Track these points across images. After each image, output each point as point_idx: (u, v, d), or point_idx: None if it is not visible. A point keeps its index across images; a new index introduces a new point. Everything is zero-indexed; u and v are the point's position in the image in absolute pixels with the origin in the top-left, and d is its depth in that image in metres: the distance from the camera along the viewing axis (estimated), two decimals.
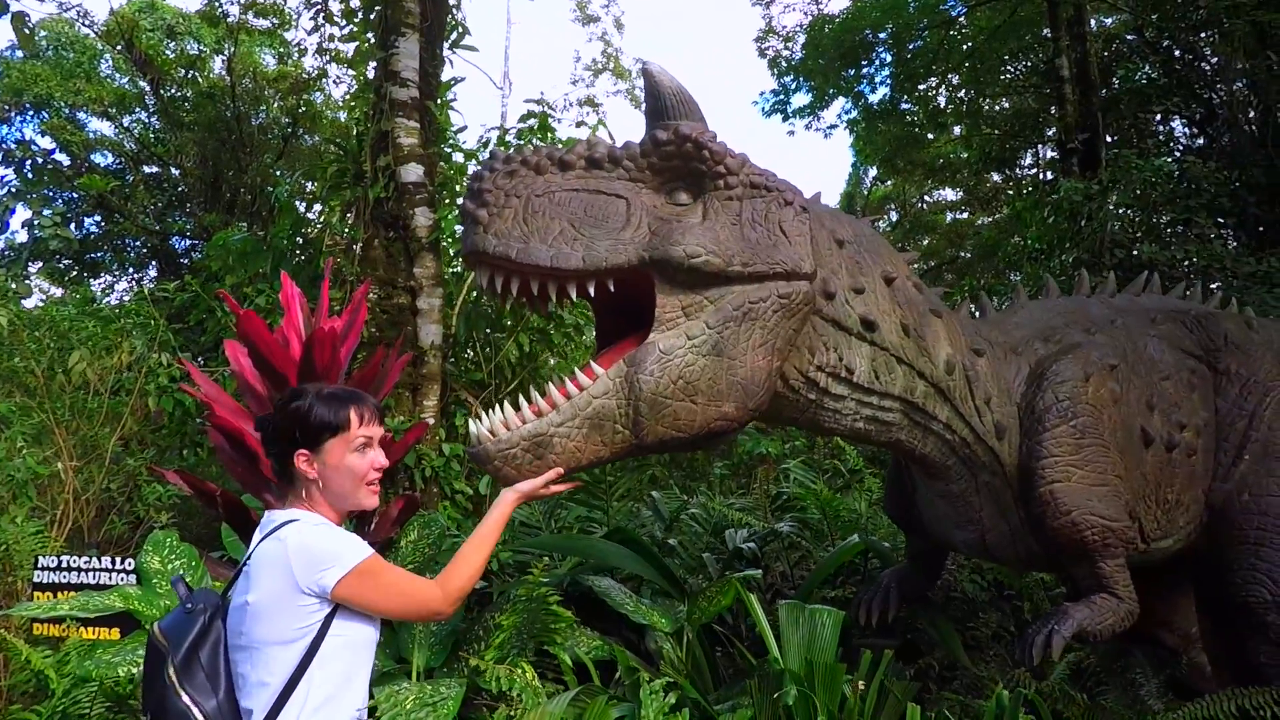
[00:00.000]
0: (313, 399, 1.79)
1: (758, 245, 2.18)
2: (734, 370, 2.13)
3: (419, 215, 6.31)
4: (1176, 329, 3.11)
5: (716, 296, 2.13)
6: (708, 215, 2.15)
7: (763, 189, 2.27)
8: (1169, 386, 2.91)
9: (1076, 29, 10.32)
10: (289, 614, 1.63)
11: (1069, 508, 2.53)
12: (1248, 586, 2.81)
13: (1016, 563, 2.86)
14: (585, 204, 2.09)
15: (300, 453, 1.74)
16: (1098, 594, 2.59)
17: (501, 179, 2.07)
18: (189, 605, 1.71)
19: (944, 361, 2.57)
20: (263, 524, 1.80)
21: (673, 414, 2.07)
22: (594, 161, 2.14)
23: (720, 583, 2.92)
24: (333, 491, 1.76)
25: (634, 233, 2.09)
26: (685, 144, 2.13)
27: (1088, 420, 2.64)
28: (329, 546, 1.66)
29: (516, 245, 1.99)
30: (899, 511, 3.26)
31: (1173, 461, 2.79)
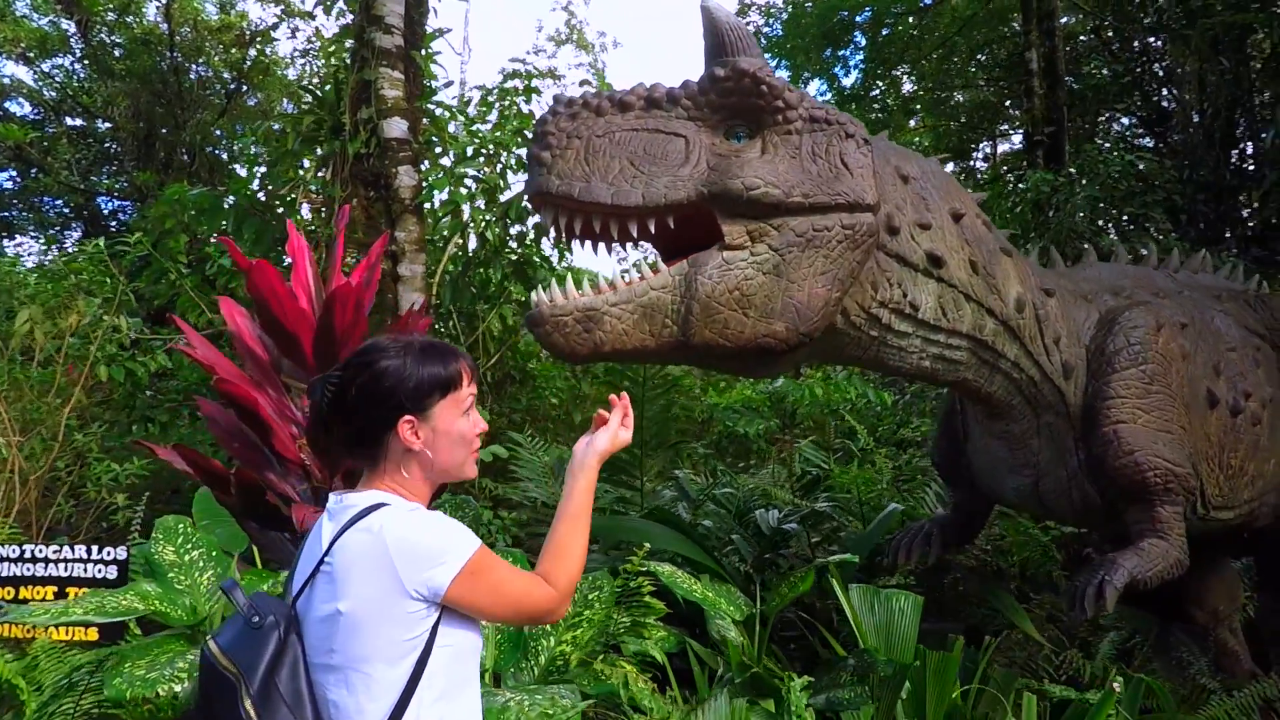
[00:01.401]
0: (410, 354, 1.47)
1: (819, 178, 2.18)
2: (790, 292, 2.14)
3: (402, 174, 5.89)
4: (1240, 307, 3.09)
5: (779, 224, 2.15)
6: (767, 150, 2.17)
7: (823, 122, 2.25)
8: (1235, 357, 2.89)
9: (1047, 24, 10.49)
10: (394, 623, 1.32)
11: (1132, 448, 2.51)
12: None
13: (1068, 511, 2.82)
14: (645, 142, 2.11)
15: (406, 419, 1.43)
16: (1148, 539, 2.54)
17: (564, 121, 2.07)
18: (255, 618, 1.35)
19: (1014, 299, 2.54)
20: (332, 511, 1.45)
21: (723, 321, 2.11)
22: (653, 101, 2.15)
23: (804, 568, 2.74)
24: (439, 463, 1.47)
25: (693, 169, 2.11)
26: (744, 80, 2.12)
27: (1157, 368, 2.63)
28: (436, 537, 1.37)
29: (579, 184, 2.02)
30: (947, 462, 3.24)
31: (1237, 427, 2.77)
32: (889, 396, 7.43)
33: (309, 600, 1.40)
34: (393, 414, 1.44)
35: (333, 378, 1.50)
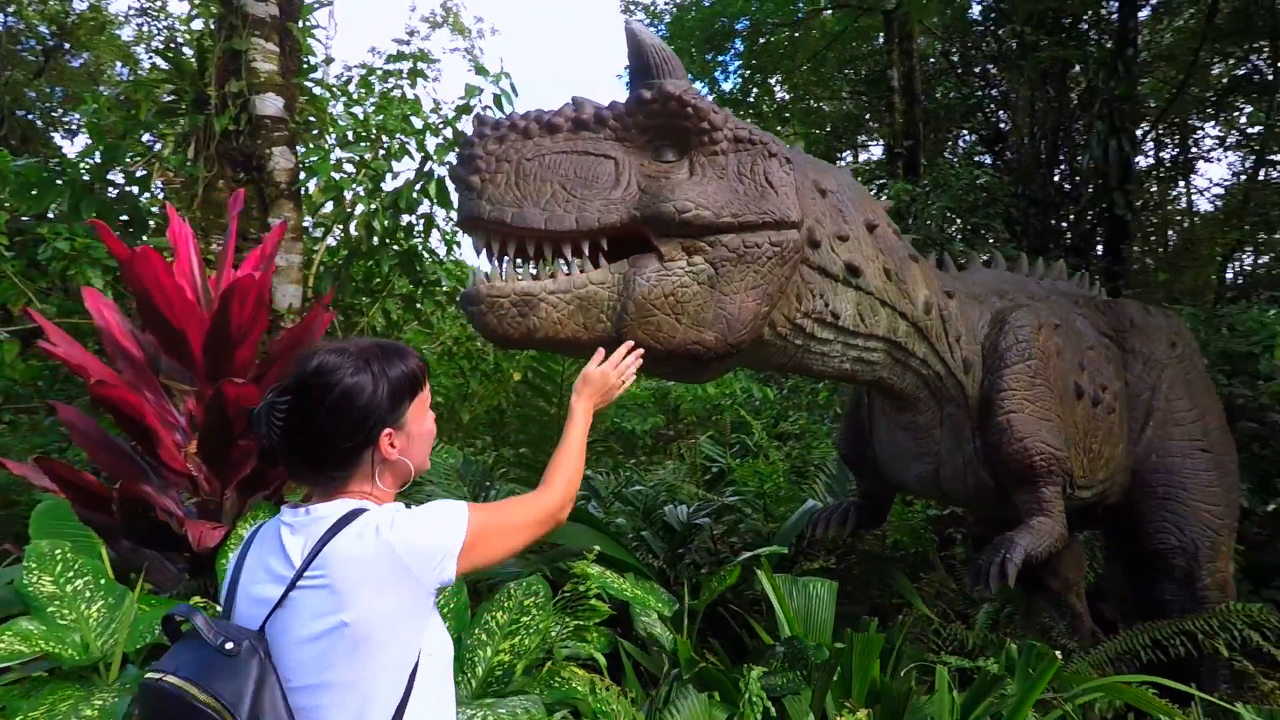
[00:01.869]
0: (372, 363, 1.38)
1: (746, 197, 2.24)
2: (723, 303, 2.21)
3: (278, 156, 5.47)
4: (1092, 311, 3.47)
5: (712, 241, 2.21)
6: (695, 171, 2.21)
7: (748, 142, 2.31)
8: (1093, 354, 3.24)
9: (905, 45, 11.28)
10: (409, 630, 1.28)
11: (1022, 434, 2.76)
12: (1158, 535, 3.21)
13: (963, 495, 3.06)
14: (575, 165, 2.12)
15: (387, 432, 1.37)
16: (1036, 517, 2.81)
17: (491, 144, 2.07)
18: (229, 644, 1.22)
19: (922, 302, 2.71)
20: (294, 525, 1.34)
21: (656, 324, 2.15)
22: (580, 123, 2.16)
23: (733, 562, 2.80)
24: (411, 466, 1.42)
25: (624, 191, 2.14)
26: (670, 102, 2.15)
27: (1039, 364, 2.90)
28: (437, 527, 1.33)
29: (511, 210, 2.02)
30: (854, 452, 3.42)
31: (1097, 416, 3.11)
32: (771, 392, 7.76)
33: (283, 622, 1.27)
34: (374, 430, 1.37)
35: (281, 404, 1.37)
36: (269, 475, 2.71)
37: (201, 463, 2.52)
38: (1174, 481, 3.22)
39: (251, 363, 2.63)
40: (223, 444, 2.46)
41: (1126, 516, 3.31)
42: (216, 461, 2.53)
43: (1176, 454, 3.26)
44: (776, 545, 3.15)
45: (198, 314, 2.49)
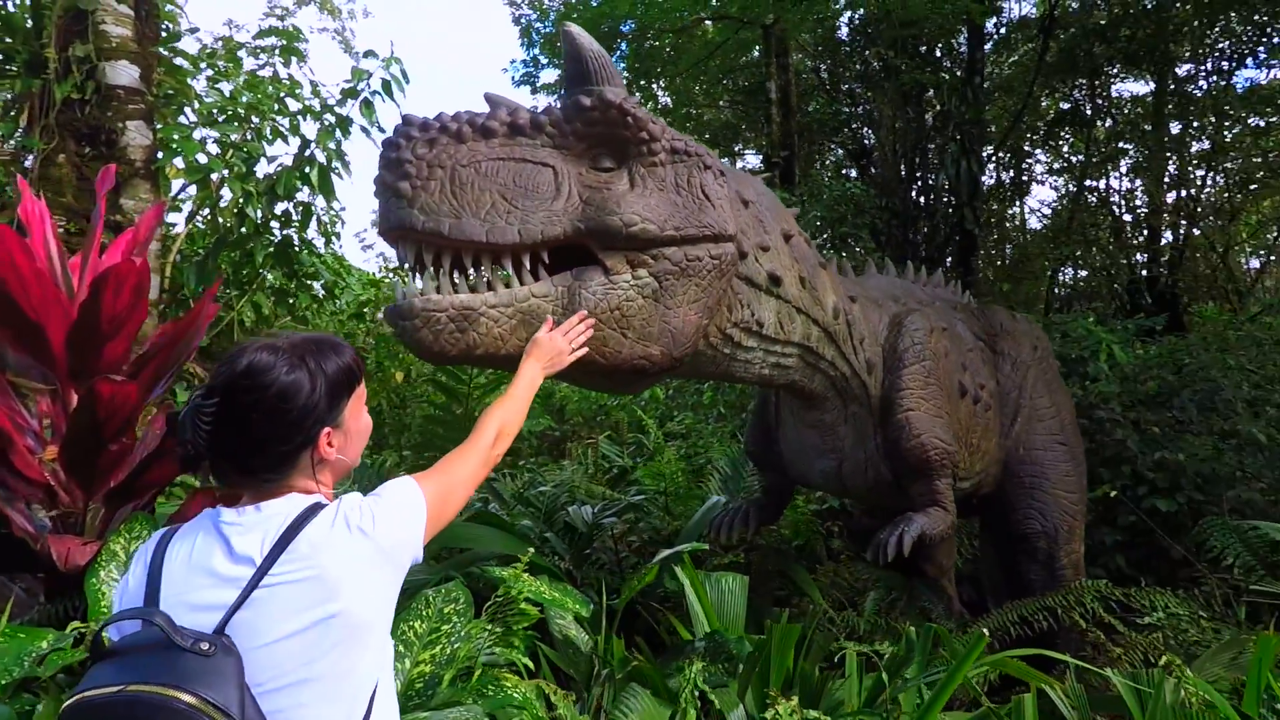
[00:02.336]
0: (306, 358, 1.31)
1: (685, 210, 2.24)
2: (667, 318, 2.21)
3: (132, 131, 4.94)
4: (968, 316, 3.76)
5: (655, 254, 2.19)
6: (635, 182, 2.18)
7: (684, 154, 2.30)
8: (972, 356, 3.51)
9: (782, 59, 11.78)
10: (388, 618, 1.30)
11: (919, 431, 2.95)
12: (1025, 521, 3.52)
13: (863, 489, 3.22)
14: (513, 173, 2.02)
15: (326, 431, 1.32)
16: (930, 507, 3.02)
17: (421, 148, 1.94)
18: (205, 644, 1.12)
19: (831, 308, 2.84)
20: (242, 524, 1.25)
21: (602, 339, 2.12)
22: (517, 128, 2.06)
23: (652, 562, 2.79)
24: (347, 463, 1.40)
25: (565, 203, 2.07)
26: (609, 110, 2.10)
27: (932, 364, 3.11)
28: (404, 515, 1.34)
29: (447, 220, 1.92)
30: (760, 449, 3.52)
31: (976, 413, 3.38)
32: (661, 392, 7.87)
33: (249, 622, 1.17)
34: (313, 431, 1.30)
35: (208, 406, 1.27)
36: (139, 485, 2.43)
37: (62, 471, 2.22)
38: (1038, 472, 3.55)
39: (124, 359, 2.35)
40: (90, 450, 2.19)
41: (998, 505, 3.61)
42: (80, 470, 2.24)
43: (1039, 447, 3.59)
44: (684, 542, 3.19)
45: (61, 304, 2.19)
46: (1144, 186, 13.06)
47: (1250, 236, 13.66)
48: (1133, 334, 7.97)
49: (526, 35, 10.97)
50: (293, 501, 1.28)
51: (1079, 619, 3.12)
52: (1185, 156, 12.43)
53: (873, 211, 11.96)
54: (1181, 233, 12.57)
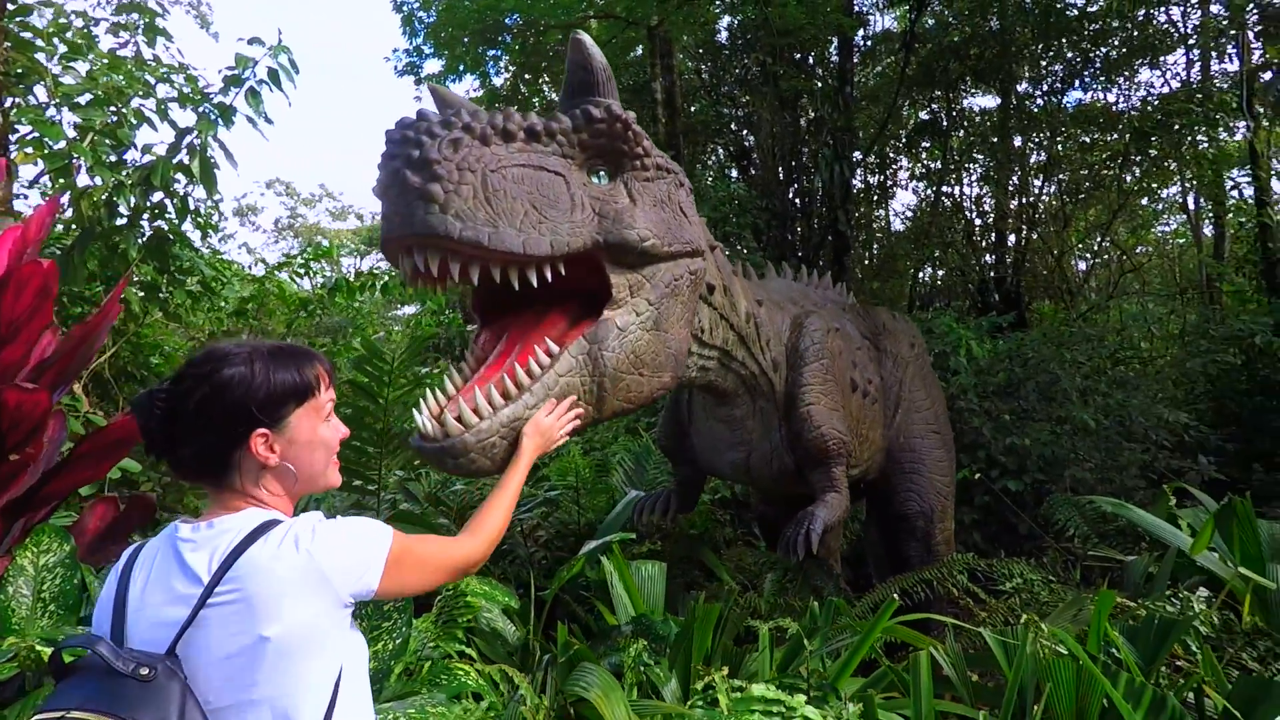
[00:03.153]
0: (258, 359, 1.35)
1: (670, 225, 2.32)
2: (668, 343, 2.30)
3: None
4: (855, 316, 4.10)
5: (650, 274, 2.25)
6: (632, 197, 2.22)
7: (665, 171, 2.40)
8: (860, 354, 3.85)
9: (666, 60, 12.07)
10: (332, 635, 1.27)
11: (820, 423, 3.22)
12: (905, 502, 3.91)
13: (769, 478, 3.45)
14: (535, 182, 1.98)
15: (259, 433, 1.32)
16: (829, 493, 3.29)
17: (446, 148, 1.83)
18: (144, 669, 1.14)
19: (744, 313, 3.03)
20: (196, 539, 1.28)
21: (626, 387, 2.17)
22: (533, 134, 2.02)
23: (580, 554, 2.90)
24: (300, 476, 1.39)
25: (582, 214, 2.07)
26: (616, 124, 2.15)
27: (829, 362, 3.39)
28: (360, 543, 1.33)
29: (485, 230, 1.82)
30: (673, 443, 3.71)
31: (865, 406, 3.71)
32: None
33: (196, 641, 1.20)
34: (242, 429, 1.32)
35: (160, 394, 1.34)
36: (39, 497, 2.29)
37: None
38: (916, 459, 3.94)
39: (22, 364, 2.20)
40: None
41: (882, 489, 3.98)
42: None
43: (917, 435, 3.99)
44: (603, 534, 3.33)
45: None
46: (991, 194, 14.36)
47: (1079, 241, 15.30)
48: (986, 330, 8.81)
49: (409, 24, 10.66)
50: (247, 517, 1.29)
51: (952, 589, 3.52)
52: (1026, 167, 13.76)
53: (754, 211, 12.47)
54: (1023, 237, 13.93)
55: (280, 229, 28.58)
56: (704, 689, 2.15)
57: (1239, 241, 13.16)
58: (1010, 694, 2.23)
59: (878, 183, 15.65)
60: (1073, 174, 13.72)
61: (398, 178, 1.81)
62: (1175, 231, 17.48)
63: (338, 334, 10.33)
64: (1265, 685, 2.09)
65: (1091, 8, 12.01)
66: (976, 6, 12.00)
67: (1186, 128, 11.20)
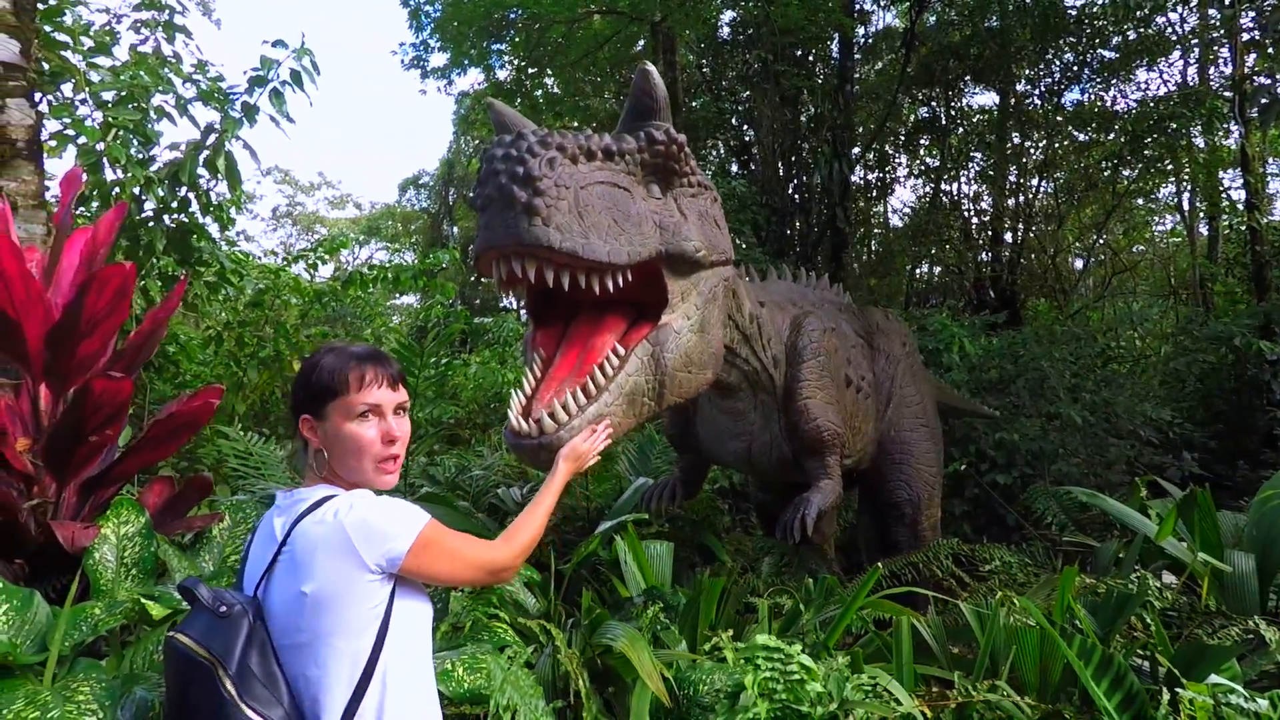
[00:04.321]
0: (323, 355, 1.63)
1: (711, 236, 2.59)
2: (710, 344, 2.57)
3: (12, 109, 4.69)
4: (850, 316, 4.35)
5: (696, 282, 2.51)
6: (683, 211, 2.47)
7: (704, 186, 2.66)
8: (854, 351, 4.09)
9: (668, 56, 12.23)
10: (358, 598, 1.45)
11: (816, 416, 3.46)
12: (895, 490, 4.16)
13: (768, 466, 3.70)
14: (613, 198, 2.20)
15: (303, 418, 1.59)
16: (823, 480, 3.53)
17: (545, 167, 2.03)
18: (223, 608, 1.44)
19: (749, 314, 3.27)
20: (281, 507, 1.58)
21: (679, 383, 2.42)
22: (609, 154, 2.26)
23: (596, 533, 3.16)
24: (335, 464, 1.58)
25: (650, 227, 2.30)
26: (673, 145, 2.40)
27: (825, 359, 3.64)
28: (389, 517, 1.50)
29: (579, 241, 2.02)
30: (678, 433, 3.96)
31: (859, 401, 3.96)
32: None
33: (269, 588, 1.50)
34: (297, 410, 1.60)
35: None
36: (111, 475, 2.54)
37: (42, 462, 2.30)
38: (905, 450, 4.20)
39: (99, 356, 2.44)
40: (71, 442, 2.29)
41: (874, 478, 4.24)
42: (58, 461, 2.34)
43: (907, 429, 4.24)
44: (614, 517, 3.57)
45: (44, 303, 2.27)
46: (989, 192, 14.56)
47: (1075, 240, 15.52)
48: (980, 328, 9.03)
49: (415, 17, 10.82)
50: (315, 491, 1.54)
51: (938, 571, 3.78)
52: (1023, 166, 13.96)
53: (754, 208, 12.64)
54: (1019, 235, 14.15)
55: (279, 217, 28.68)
56: (710, 649, 2.41)
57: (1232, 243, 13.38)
58: (982, 658, 2.49)
59: (876, 179, 15.82)
60: (1069, 173, 13.91)
61: (504, 192, 1.99)
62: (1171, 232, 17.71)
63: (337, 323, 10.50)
64: (1202, 649, 2.36)
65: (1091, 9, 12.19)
66: (977, 6, 12.18)
67: (1181, 129, 11.40)
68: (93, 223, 5.70)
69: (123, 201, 4.03)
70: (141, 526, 2.26)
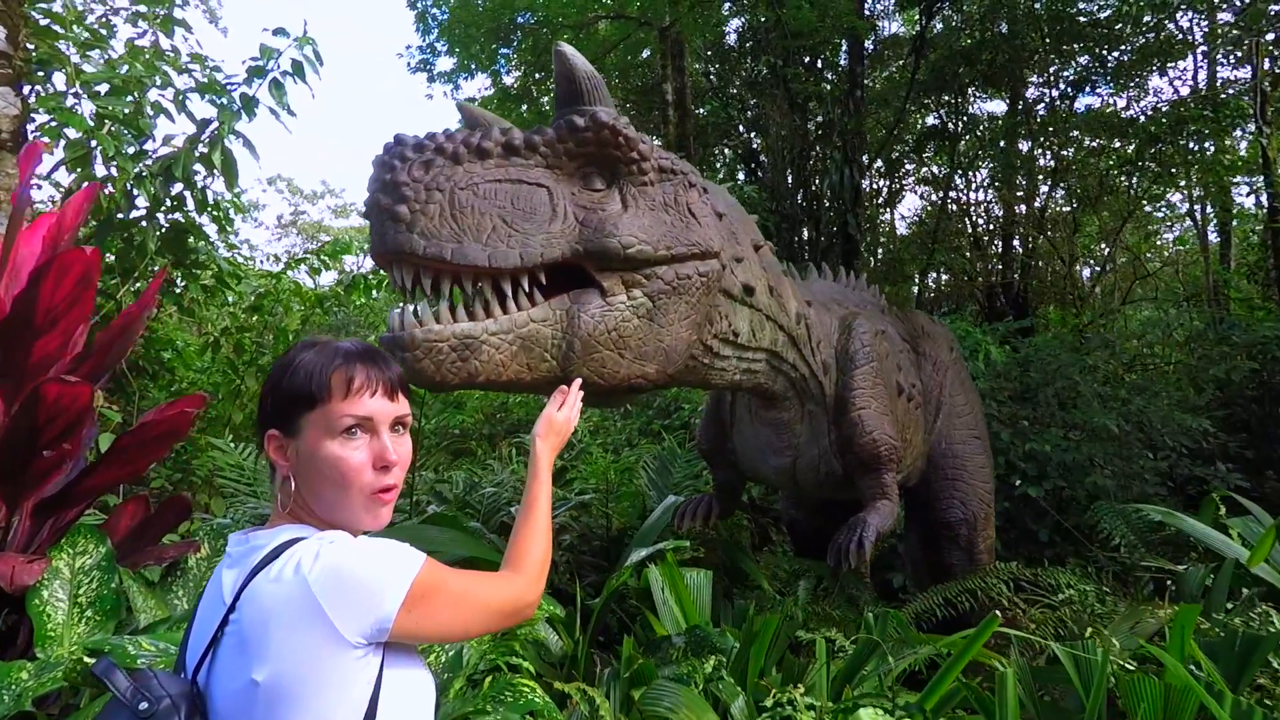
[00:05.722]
0: (301, 351, 1.21)
1: (674, 228, 2.29)
2: (661, 336, 2.26)
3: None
4: (894, 318, 4.01)
5: (648, 274, 2.23)
6: (627, 203, 2.21)
7: (670, 172, 2.36)
8: (903, 357, 3.75)
9: (678, 62, 11.99)
10: (333, 684, 1.04)
11: (871, 428, 3.13)
12: (949, 510, 3.80)
13: (813, 483, 3.35)
14: (510, 195, 2.02)
15: (269, 433, 1.19)
16: (880, 500, 3.17)
17: (416, 170, 1.91)
18: (144, 704, 1.04)
19: (794, 314, 2.95)
20: (234, 555, 1.16)
21: (600, 360, 2.14)
22: (511, 148, 2.07)
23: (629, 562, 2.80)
24: (308, 495, 1.18)
25: (563, 224, 2.09)
26: (603, 131, 2.13)
27: (879, 365, 3.30)
28: (369, 565, 1.09)
29: (450, 245, 1.90)
30: (714, 447, 3.62)
31: (910, 411, 3.61)
32: None
33: (212, 672, 1.09)
34: (263, 423, 1.20)
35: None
36: (73, 495, 2.18)
37: None
38: (958, 465, 3.84)
39: (58, 356, 2.09)
40: (24, 456, 1.94)
41: (923, 495, 3.88)
42: (7, 479, 1.98)
43: (959, 441, 3.89)
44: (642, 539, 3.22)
45: None
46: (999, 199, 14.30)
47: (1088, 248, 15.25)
48: (1002, 335, 8.74)
49: (422, 20, 10.56)
50: (277, 534, 1.14)
51: (1002, 598, 3.41)
52: (1033, 172, 13.72)
53: (763, 214, 12.40)
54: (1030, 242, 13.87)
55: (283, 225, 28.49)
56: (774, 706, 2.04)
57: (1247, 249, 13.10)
58: (1092, 713, 2.13)
59: (885, 186, 15.60)
60: (1081, 179, 13.66)
61: (373, 201, 1.91)
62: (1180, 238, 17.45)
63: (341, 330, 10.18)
64: None
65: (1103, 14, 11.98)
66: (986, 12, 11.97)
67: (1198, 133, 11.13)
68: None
69: (94, 183, 3.67)
70: (102, 558, 1.90)
